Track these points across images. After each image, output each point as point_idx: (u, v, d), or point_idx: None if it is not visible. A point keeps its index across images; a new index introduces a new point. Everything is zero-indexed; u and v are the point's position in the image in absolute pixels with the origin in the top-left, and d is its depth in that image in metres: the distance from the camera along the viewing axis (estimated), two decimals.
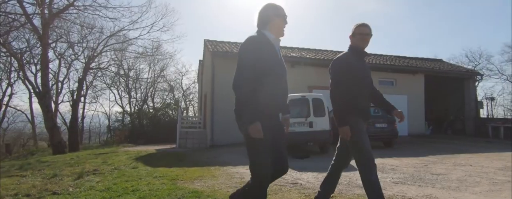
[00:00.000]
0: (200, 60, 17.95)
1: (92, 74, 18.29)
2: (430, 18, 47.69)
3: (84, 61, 15.52)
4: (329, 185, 2.68)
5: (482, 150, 8.32)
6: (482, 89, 36.47)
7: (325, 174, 4.66)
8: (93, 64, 17.32)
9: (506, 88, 31.58)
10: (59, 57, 18.20)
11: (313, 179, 4.38)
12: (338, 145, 2.64)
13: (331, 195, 2.79)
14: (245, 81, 1.81)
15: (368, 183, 2.37)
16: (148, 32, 13.96)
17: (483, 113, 26.10)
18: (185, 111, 29.42)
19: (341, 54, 2.53)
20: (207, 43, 13.27)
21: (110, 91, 23.75)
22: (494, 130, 12.83)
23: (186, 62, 54.04)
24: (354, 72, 2.42)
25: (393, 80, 13.38)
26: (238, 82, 1.84)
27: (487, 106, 28.36)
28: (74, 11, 11.07)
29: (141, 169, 5.27)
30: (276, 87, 1.95)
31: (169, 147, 12.87)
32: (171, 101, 25.25)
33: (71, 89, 20.09)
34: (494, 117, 22.17)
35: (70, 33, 13.70)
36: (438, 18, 47.40)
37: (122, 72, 22.75)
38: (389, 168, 5.23)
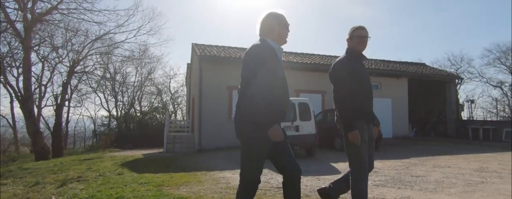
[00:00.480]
0: (188, 64, 17.90)
1: (77, 77, 17.93)
2: (414, 23, 49.15)
3: (68, 65, 15.21)
4: (344, 183, 2.58)
5: (462, 151, 8.64)
6: (464, 92, 37.76)
7: (310, 178, 4.82)
8: (78, 68, 17.01)
9: (486, 91, 32.85)
10: (42, 60, 17.76)
11: None
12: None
13: (340, 195, 2.71)
14: (254, 89, 1.83)
15: (356, 190, 2.38)
16: (134, 36, 13.86)
17: (464, 115, 27.09)
18: (173, 115, 29.16)
19: (340, 57, 2.51)
20: (195, 47, 13.27)
21: (96, 95, 23.30)
22: (474, 132, 13.33)
23: (174, 65, 53.58)
24: (356, 75, 2.40)
25: (378, 84, 13.72)
26: (244, 89, 1.87)
27: (468, 108, 29.40)
28: (58, 14, 10.87)
29: (127, 176, 5.23)
30: (280, 92, 1.98)
31: (156, 151, 12.75)
32: (159, 105, 24.99)
33: (55, 93, 19.60)
34: (474, 119, 22.98)
35: (54, 36, 13.41)
36: (422, 23, 48.90)
37: (108, 76, 22.39)
38: (372, 171, 5.37)
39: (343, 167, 5.91)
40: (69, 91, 18.58)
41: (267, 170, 5.71)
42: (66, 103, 20.39)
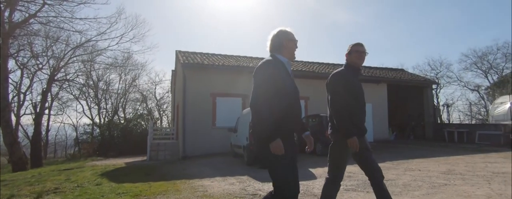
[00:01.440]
0: (173, 70, 17.88)
1: (58, 85, 17.54)
2: (397, 29, 50.83)
3: (48, 73, 14.88)
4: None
5: (435, 154, 9.02)
6: (443, 95, 39.24)
7: None
8: (59, 75, 16.66)
9: (464, 94, 34.24)
10: (21, 67, 17.30)
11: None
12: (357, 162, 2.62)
13: None
14: (264, 103, 1.87)
15: (325, 194, 2.49)
16: (117, 44, 13.72)
17: (444, 118, 28.13)
18: (158, 122, 28.83)
19: (338, 69, 2.61)
20: (179, 54, 13.32)
21: (78, 103, 22.80)
22: (450, 135, 13.90)
23: (160, 71, 53.04)
24: (352, 89, 2.48)
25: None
26: (257, 104, 1.90)
27: (447, 112, 30.53)
28: (37, 24, 10.69)
29: (105, 186, 5.23)
30: (292, 107, 2.01)
31: (140, 159, 12.63)
32: (144, 112, 24.71)
33: (33, 102, 19.06)
34: (451, 122, 23.89)
35: (34, 44, 13.14)
36: (404, 29, 50.63)
37: (91, 82, 22.01)
38: (346, 176, 5.58)
39: (321, 172, 6.11)
40: (49, 99, 18.12)
41: (246, 177, 5.84)
42: (47, 111, 19.87)
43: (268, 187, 4.81)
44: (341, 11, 50.78)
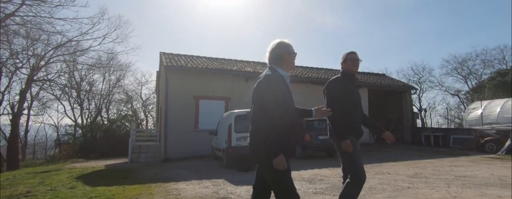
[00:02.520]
0: (157, 71, 17.79)
1: (38, 85, 17.12)
2: (383, 33, 52.11)
3: (27, 73, 14.51)
4: None
5: (408, 158, 9.39)
6: (425, 99, 40.45)
7: (249, 187, 5.10)
8: (40, 75, 16.27)
9: (445, 99, 35.42)
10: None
11: (245, 192, 4.72)
12: (342, 166, 2.72)
13: None
14: (266, 119, 1.88)
15: (346, 196, 2.51)
16: (99, 44, 13.55)
17: (425, 122, 29.01)
18: (144, 123, 28.48)
19: (335, 77, 2.75)
20: (162, 56, 13.30)
21: (59, 103, 22.29)
22: (426, 139, 14.42)
23: (146, 72, 52.47)
24: (348, 94, 2.61)
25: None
26: (258, 120, 1.91)
27: (426, 115, 31.52)
28: (14, 25, 10.44)
29: (79, 189, 5.23)
30: (292, 123, 2.04)
31: (122, 161, 12.50)
32: (128, 112, 24.39)
33: (11, 102, 18.49)
34: (432, 126, 24.69)
35: (12, 44, 12.81)
36: (389, 34, 51.95)
37: (74, 82, 21.58)
38: (318, 179, 5.79)
39: (294, 175, 6.28)
40: (29, 99, 17.65)
41: (222, 180, 5.95)
42: (26, 111, 19.33)
43: (240, 190, 4.94)
44: (328, 15, 51.69)
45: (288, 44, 2.16)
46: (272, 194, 2.12)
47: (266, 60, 2.17)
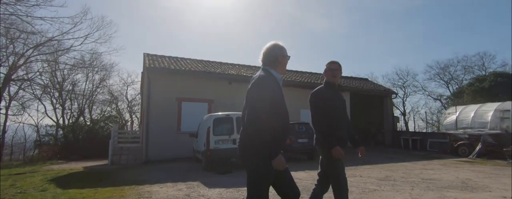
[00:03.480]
0: (142, 72, 17.65)
1: (17, 84, 16.67)
2: (371, 38, 53.21)
3: (5, 72, 14.13)
4: None
5: (385, 161, 9.66)
6: (409, 103, 41.51)
7: (232, 190, 5.19)
8: (20, 73, 15.86)
9: (428, 103, 36.44)
10: None
11: (216, 195, 4.80)
12: (319, 171, 2.81)
13: None
14: (265, 121, 1.88)
15: None
16: (81, 44, 13.34)
17: (408, 125, 29.75)
18: (128, 124, 28.07)
19: (318, 87, 2.80)
20: (146, 57, 13.23)
21: (40, 103, 21.74)
22: (405, 142, 14.85)
23: (132, 72, 51.55)
24: (329, 103, 2.65)
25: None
26: (257, 122, 1.89)
27: (409, 119, 32.35)
28: None
29: (49, 192, 5.17)
30: (283, 123, 2.05)
31: (102, 163, 12.32)
32: (112, 113, 24.02)
33: None
34: (413, 129, 25.35)
35: None
36: (376, 39, 53.10)
37: (56, 82, 21.11)
38: None
39: None
40: (7, 99, 17.16)
41: (198, 183, 6.00)
42: (4, 110, 18.77)
43: (212, 193, 5.01)
44: (318, 18, 52.42)
45: (283, 46, 2.17)
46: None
47: (260, 62, 2.17)
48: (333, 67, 2.77)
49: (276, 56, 2.10)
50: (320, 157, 2.79)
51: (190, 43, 50.22)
